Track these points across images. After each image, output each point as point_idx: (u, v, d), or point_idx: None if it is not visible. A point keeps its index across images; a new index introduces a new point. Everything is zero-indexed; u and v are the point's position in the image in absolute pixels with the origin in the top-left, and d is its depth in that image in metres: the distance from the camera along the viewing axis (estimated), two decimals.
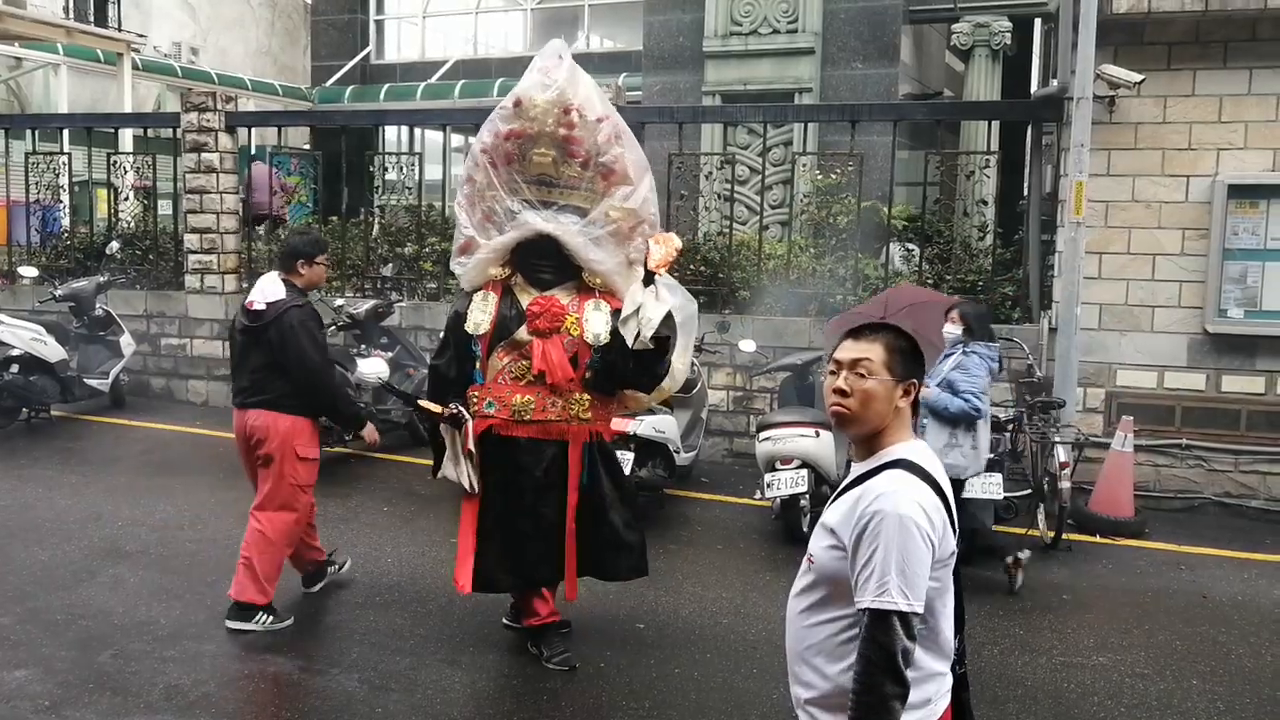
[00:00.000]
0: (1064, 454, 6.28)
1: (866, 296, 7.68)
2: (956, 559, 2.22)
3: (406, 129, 14.81)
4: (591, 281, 4.41)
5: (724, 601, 5.38)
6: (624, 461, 6.03)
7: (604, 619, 5.06)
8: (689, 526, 6.66)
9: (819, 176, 9.43)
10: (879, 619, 2.05)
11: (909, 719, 2.12)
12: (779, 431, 6.32)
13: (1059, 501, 6.28)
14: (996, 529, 6.18)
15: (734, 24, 11.54)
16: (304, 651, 4.66)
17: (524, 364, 4.34)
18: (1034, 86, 13.80)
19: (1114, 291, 7.35)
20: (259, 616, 4.80)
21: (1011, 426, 6.43)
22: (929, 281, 8.06)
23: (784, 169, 10.86)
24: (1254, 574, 6.08)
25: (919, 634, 2.10)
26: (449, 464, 4.48)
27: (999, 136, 9.04)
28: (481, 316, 4.39)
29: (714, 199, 9.52)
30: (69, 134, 11.45)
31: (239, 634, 4.76)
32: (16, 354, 8.29)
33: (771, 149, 10.69)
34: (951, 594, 2.23)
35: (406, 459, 7.90)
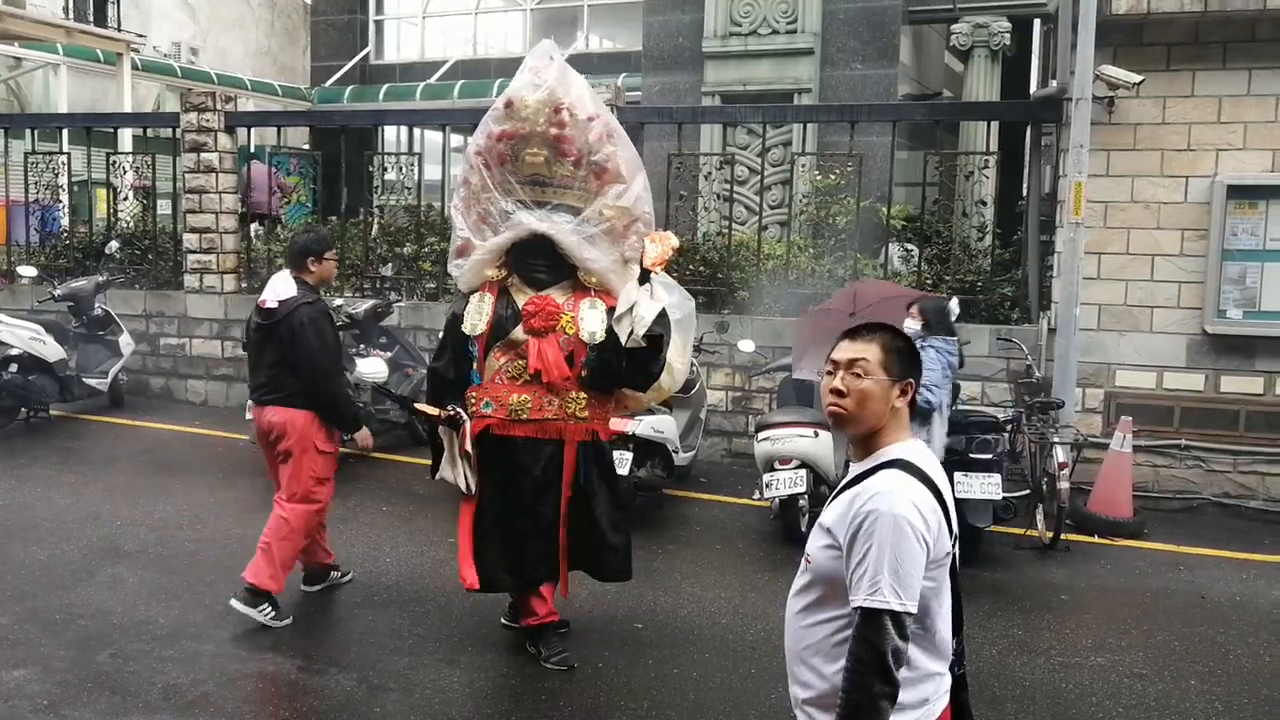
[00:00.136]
0: (1063, 454, 6.28)
1: None
2: (955, 560, 2.22)
3: (406, 129, 14.81)
4: (587, 280, 4.42)
5: (722, 601, 5.38)
6: (623, 461, 6.06)
7: (602, 619, 5.07)
8: (688, 526, 6.67)
9: (818, 177, 9.44)
10: (870, 618, 2.05)
11: (907, 719, 2.13)
12: (778, 431, 6.31)
13: (1058, 502, 6.28)
14: (995, 529, 6.20)
15: (733, 24, 11.54)
16: (302, 651, 4.66)
17: (520, 363, 4.35)
18: (1033, 87, 13.78)
19: (1113, 292, 7.36)
20: (264, 606, 4.83)
21: (1010, 427, 6.44)
22: (928, 282, 8.06)
23: (783, 169, 10.86)
24: (1252, 574, 6.08)
25: (914, 634, 2.10)
26: (447, 465, 4.50)
27: (998, 137, 9.03)
28: (478, 317, 4.41)
29: (713, 199, 9.53)
30: (68, 134, 11.44)
31: (238, 629, 4.77)
32: (15, 353, 8.28)
33: (771, 149, 10.69)
34: (948, 594, 2.23)
35: (405, 459, 7.90)
